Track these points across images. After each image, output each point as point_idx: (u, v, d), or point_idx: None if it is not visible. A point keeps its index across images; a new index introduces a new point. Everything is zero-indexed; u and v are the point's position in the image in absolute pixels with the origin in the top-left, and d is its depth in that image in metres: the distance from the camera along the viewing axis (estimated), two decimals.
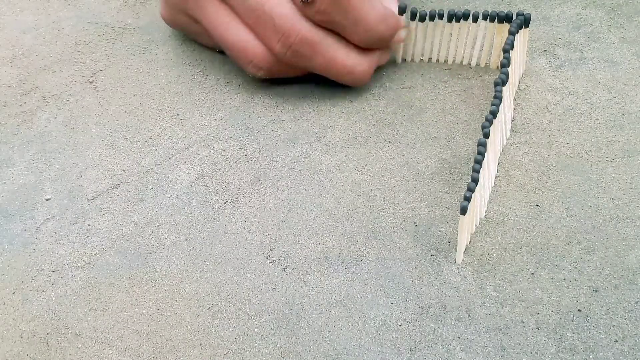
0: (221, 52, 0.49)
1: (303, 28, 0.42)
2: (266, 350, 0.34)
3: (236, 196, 0.41)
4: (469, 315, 0.35)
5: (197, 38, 0.49)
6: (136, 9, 0.55)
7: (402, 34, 0.45)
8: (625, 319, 0.34)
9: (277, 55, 0.43)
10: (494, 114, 0.39)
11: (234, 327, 0.35)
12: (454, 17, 0.46)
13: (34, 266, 0.38)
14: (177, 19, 0.48)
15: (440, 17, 0.46)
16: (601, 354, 0.33)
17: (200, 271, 0.37)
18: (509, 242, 0.38)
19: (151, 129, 0.45)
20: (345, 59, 0.44)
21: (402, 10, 0.45)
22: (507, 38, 0.43)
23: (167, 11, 0.48)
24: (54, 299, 0.36)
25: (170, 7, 0.48)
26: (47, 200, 0.41)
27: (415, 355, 0.33)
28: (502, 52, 0.43)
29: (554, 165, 0.41)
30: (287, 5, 0.42)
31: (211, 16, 0.44)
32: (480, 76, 0.47)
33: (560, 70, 0.47)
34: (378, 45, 0.44)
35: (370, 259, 0.37)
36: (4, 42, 0.52)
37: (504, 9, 0.50)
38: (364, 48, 0.44)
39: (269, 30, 0.42)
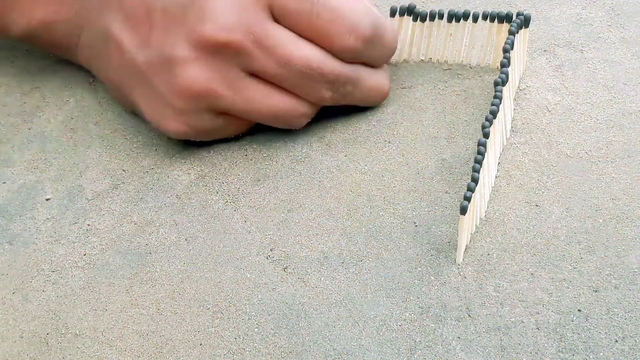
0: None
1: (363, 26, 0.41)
2: (266, 350, 0.34)
3: (236, 196, 0.41)
4: (469, 315, 0.35)
5: (216, 135, 0.43)
6: None
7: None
8: (626, 319, 0.34)
9: (354, 50, 0.41)
10: (494, 114, 0.39)
11: (234, 327, 0.35)
12: (454, 17, 0.46)
13: (34, 266, 0.38)
14: (198, 124, 0.42)
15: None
16: (601, 354, 0.33)
17: (200, 271, 0.37)
18: (509, 242, 0.38)
19: (151, 129, 0.45)
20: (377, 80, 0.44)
21: (393, 12, 0.46)
22: (507, 38, 0.43)
23: (182, 121, 0.42)
24: (54, 299, 0.36)
25: (188, 114, 0.41)
26: (47, 200, 0.41)
27: (415, 355, 0.33)
28: (502, 52, 0.43)
29: (554, 165, 0.41)
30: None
31: (251, 96, 0.41)
32: (480, 76, 0.47)
33: (560, 70, 0.47)
34: (389, 58, 0.45)
35: (370, 259, 0.37)
36: (4, 42, 0.52)
37: (504, 9, 0.50)
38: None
39: (338, 28, 0.41)
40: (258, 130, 0.44)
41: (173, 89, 0.40)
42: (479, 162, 0.37)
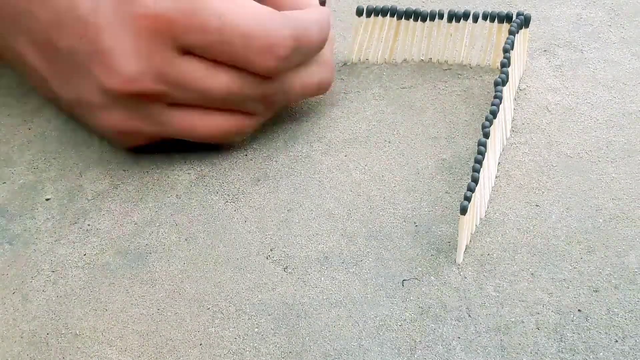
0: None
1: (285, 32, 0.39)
2: (266, 350, 0.34)
3: (236, 196, 0.41)
4: (469, 315, 0.35)
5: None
6: None
7: None
8: (626, 319, 0.34)
9: (277, 68, 0.39)
10: (494, 113, 0.39)
11: (234, 327, 0.35)
12: (454, 17, 0.46)
13: (34, 266, 0.38)
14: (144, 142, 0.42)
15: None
16: (601, 354, 0.33)
17: (200, 271, 0.37)
18: (509, 242, 0.38)
19: None
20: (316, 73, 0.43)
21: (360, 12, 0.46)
22: (507, 38, 0.43)
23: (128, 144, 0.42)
24: (54, 299, 0.36)
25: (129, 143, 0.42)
26: (47, 200, 0.41)
27: (415, 355, 0.33)
28: (502, 52, 0.43)
29: (554, 165, 0.41)
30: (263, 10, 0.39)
31: (181, 126, 0.41)
32: (480, 76, 0.47)
33: (560, 70, 0.47)
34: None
35: (370, 259, 0.37)
36: None
37: (504, 9, 0.50)
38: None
39: (254, 51, 0.39)
40: (258, 130, 0.44)
41: (100, 127, 0.41)
42: (479, 162, 0.37)
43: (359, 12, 0.46)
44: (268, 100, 0.41)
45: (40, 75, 0.41)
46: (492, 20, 0.45)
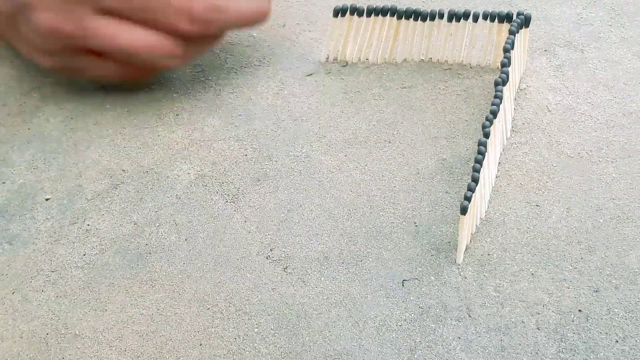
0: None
1: None
2: (266, 351, 0.34)
3: (236, 196, 0.41)
4: (469, 316, 0.35)
5: (84, 73, 0.46)
6: None
7: None
8: (626, 319, 0.34)
9: (189, 34, 0.43)
10: (494, 113, 0.39)
11: (234, 327, 0.35)
12: (454, 16, 0.46)
13: (34, 266, 0.38)
14: (65, 62, 0.45)
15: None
16: (602, 354, 0.33)
17: (200, 271, 0.37)
18: (509, 242, 0.38)
19: (151, 129, 0.45)
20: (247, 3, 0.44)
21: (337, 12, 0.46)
22: (508, 38, 0.43)
23: (49, 59, 0.45)
24: (53, 299, 0.36)
25: (52, 52, 0.44)
26: (46, 200, 0.41)
27: (415, 355, 0.33)
28: (502, 51, 0.43)
29: (554, 165, 0.41)
30: None
31: (104, 33, 0.43)
32: (481, 76, 0.47)
33: (560, 70, 0.47)
34: None
35: (370, 259, 0.37)
36: (4, 43, 0.52)
37: (504, 8, 0.50)
38: None
39: (169, 15, 0.42)
40: (258, 130, 0.44)
41: (31, 31, 0.43)
42: (479, 162, 0.37)
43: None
44: (199, 18, 0.42)
45: None
46: (493, 20, 0.45)
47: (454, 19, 0.46)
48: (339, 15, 0.46)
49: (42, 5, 0.42)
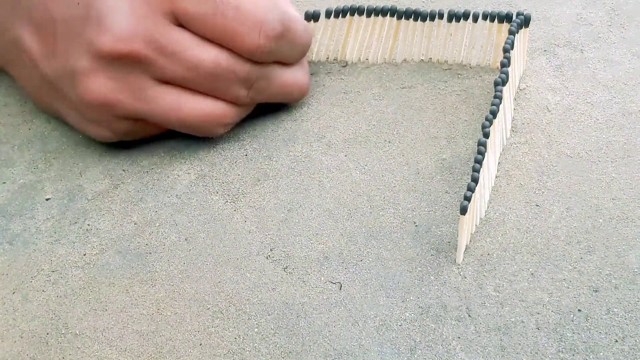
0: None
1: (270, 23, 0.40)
2: (266, 350, 0.34)
3: (236, 196, 0.41)
4: (469, 315, 0.35)
5: (145, 134, 0.43)
6: None
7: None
8: (626, 319, 0.34)
9: (264, 48, 0.40)
10: (494, 113, 0.39)
11: (234, 327, 0.35)
12: (454, 17, 0.46)
13: (34, 266, 0.38)
14: (119, 128, 0.42)
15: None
16: (601, 354, 0.33)
17: (200, 271, 0.37)
18: (509, 242, 0.38)
19: None
20: (294, 77, 0.44)
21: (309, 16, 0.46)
22: (507, 38, 0.43)
23: (102, 127, 0.42)
24: (53, 298, 0.36)
25: (105, 121, 0.41)
26: (47, 200, 0.41)
27: (415, 355, 0.33)
28: (502, 51, 0.43)
29: (554, 165, 0.41)
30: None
31: (167, 104, 0.40)
32: (480, 76, 0.47)
33: (560, 70, 0.47)
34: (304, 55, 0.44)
35: (370, 259, 0.37)
36: None
37: (504, 8, 0.50)
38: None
39: (245, 26, 0.39)
40: (258, 130, 0.44)
41: (79, 100, 0.40)
42: (479, 162, 0.37)
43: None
44: (252, 82, 0.41)
45: (32, 59, 0.41)
46: (492, 20, 0.45)
47: (453, 19, 0.46)
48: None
49: (93, 71, 0.39)
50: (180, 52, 0.39)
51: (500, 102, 0.40)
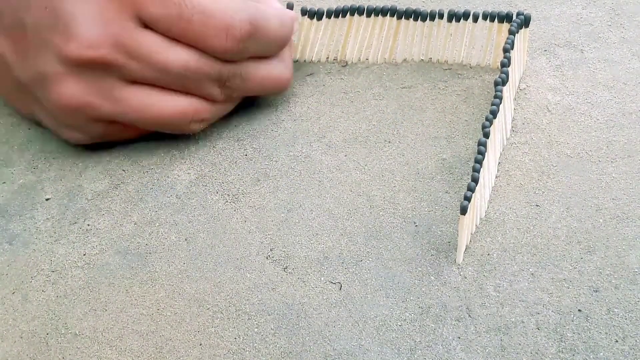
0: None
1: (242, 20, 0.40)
2: (266, 351, 0.34)
3: (236, 196, 0.41)
4: (469, 315, 0.35)
5: (120, 137, 0.43)
6: None
7: (295, 27, 0.45)
8: (626, 319, 0.34)
9: (233, 49, 0.40)
10: (494, 113, 0.39)
11: (234, 327, 0.35)
12: (454, 16, 0.46)
13: (34, 266, 0.38)
14: (92, 132, 0.42)
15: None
16: (602, 354, 0.33)
17: (200, 271, 0.37)
18: (509, 242, 0.38)
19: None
20: (273, 71, 0.43)
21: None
22: (507, 38, 0.43)
23: (76, 131, 0.42)
24: (53, 299, 0.36)
25: (78, 124, 0.41)
26: (46, 200, 0.41)
27: (415, 355, 0.33)
28: (502, 51, 0.43)
29: (554, 165, 0.41)
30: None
31: (136, 104, 0.40)
32: (480, 76, 0.47)
33: (560, 70, 0.47)
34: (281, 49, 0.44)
35: (370, 259, 0.37)
36: None
37: (504, 8, 0.50)
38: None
39: (211, 30, 0.39)
40: (258, 130, 0.44)
41: (52, 105, 0.40)
42: (479, 162, 0.37)
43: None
44: (224, 84, 0.41)
45: (6, 63, 0.41)
46: (492, 20, 0.45)
47: (453, 19, 0.46)
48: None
49: (63, 76, 0.39)
50: (149, 55, 0.39)
51: (501, 102, 0.40)
